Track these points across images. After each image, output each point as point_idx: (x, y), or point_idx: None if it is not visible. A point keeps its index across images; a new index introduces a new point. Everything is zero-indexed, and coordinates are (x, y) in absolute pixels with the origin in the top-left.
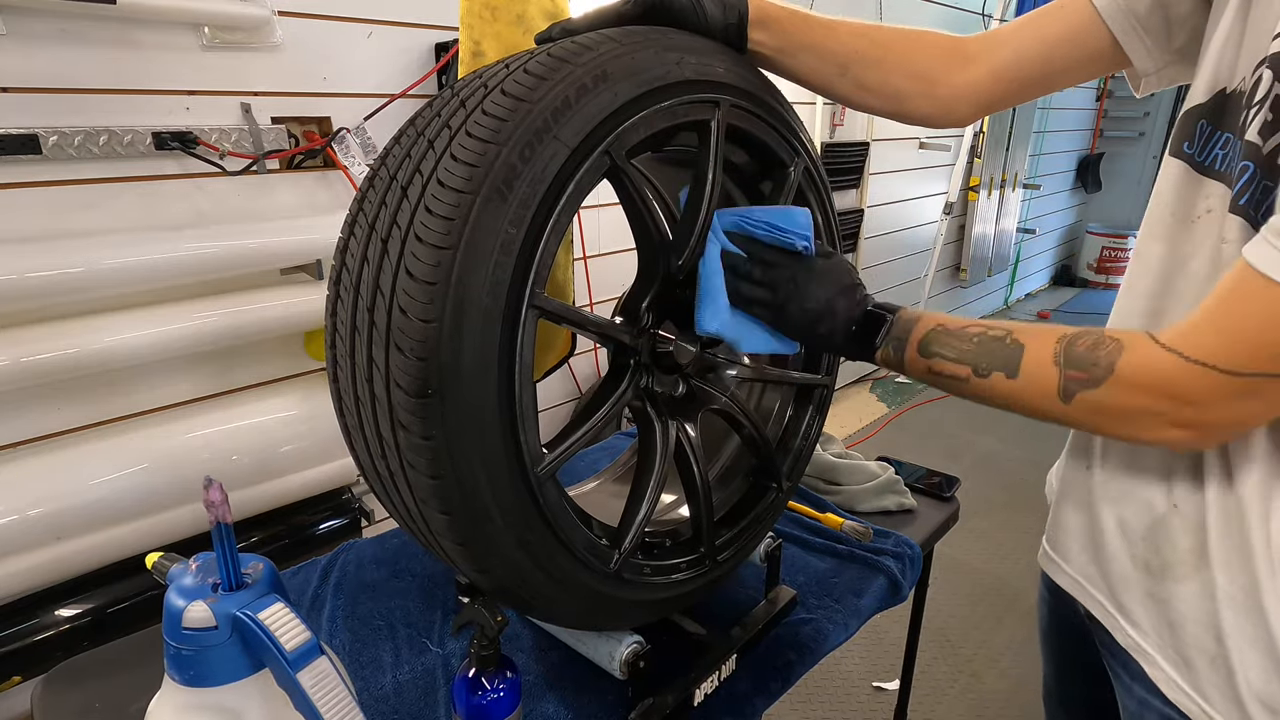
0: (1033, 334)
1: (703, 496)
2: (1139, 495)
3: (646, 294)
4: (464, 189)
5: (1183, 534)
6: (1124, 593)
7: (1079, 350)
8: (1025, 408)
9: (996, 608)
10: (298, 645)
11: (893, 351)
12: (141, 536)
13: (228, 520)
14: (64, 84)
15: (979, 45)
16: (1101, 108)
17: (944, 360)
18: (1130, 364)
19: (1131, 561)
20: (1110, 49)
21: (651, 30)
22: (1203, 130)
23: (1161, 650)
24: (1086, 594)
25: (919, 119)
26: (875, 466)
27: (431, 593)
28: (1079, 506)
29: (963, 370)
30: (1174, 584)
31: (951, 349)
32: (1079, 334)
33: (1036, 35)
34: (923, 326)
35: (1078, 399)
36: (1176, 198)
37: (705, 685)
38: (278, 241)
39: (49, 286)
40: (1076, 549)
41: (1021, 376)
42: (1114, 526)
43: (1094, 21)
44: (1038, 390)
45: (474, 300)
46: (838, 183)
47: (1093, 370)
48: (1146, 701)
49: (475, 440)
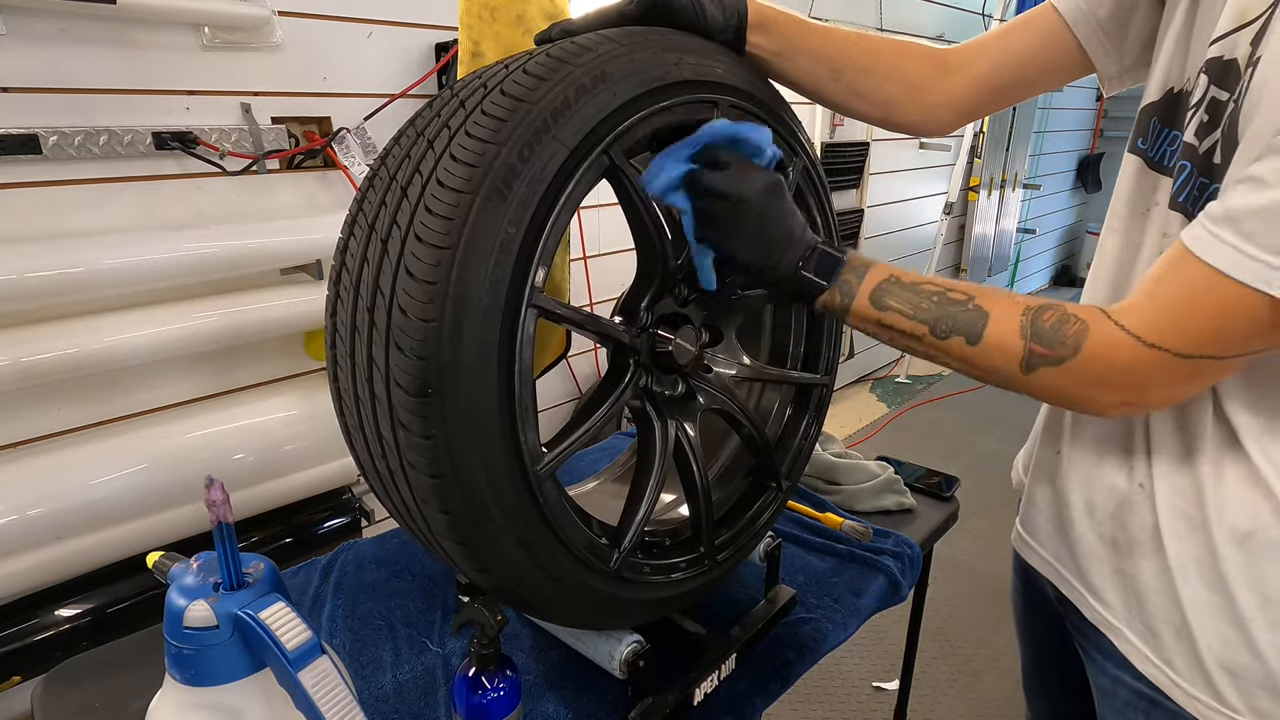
0: (995, 300)
1: (702, 496)
2: (1106, 477)
3: (645, 294)
4: (463, 189)
5: (1147, 512)
6: (1092, 570)
7: (1044, 325)
8: (979, 372)
9: (996, 608)
10: (299, 644)
11: (840, 297)
12: (141, 536)
13: (229, 520)
14: (64, 84)
15: (960, 56)
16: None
17: (898, 315)
18: (1094, 345)
19: (1099, 539)
20: (1078, 55)
21: (650, 31)
22: (1154, 127)
23: (1129, 624)
24: (1057, 574)
25: (905, 125)
26: (875, 466)
27: (431, 592)
28: (1049, 489)
29: (919, 329)
30: (1139, 559)
31: (908, 304)
32: (1042, 307)
33: (1011, 45)
34: (875, 275)
35: (1040, 372)
36: (1132, 191)
37: (705, 685)
38: (278, 241)
39: (49, 286)
40: (1047, 530)
41: (984, 344)
42: (1082, 507)
43: (1062, 30)
44: (999, 359)
45: (474, 299)
46: (838, 183)
47: (1058, 349)
48: (1118, 678)
49: (475, 439)
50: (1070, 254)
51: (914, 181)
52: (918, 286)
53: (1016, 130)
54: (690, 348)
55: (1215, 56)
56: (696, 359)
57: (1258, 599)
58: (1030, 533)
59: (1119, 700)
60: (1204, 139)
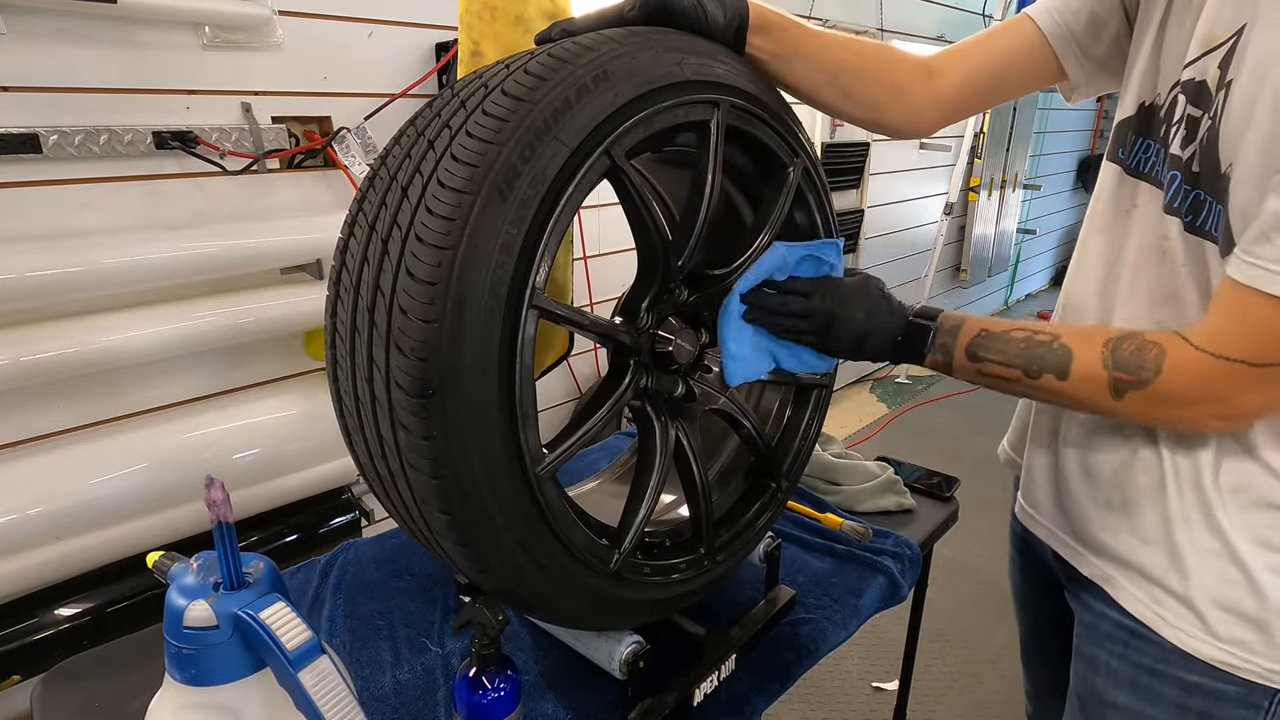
0: (1078, 339)
1: (702, 496)
2: (1103, 447)
3: (646, 294)
4: (464, 189)
5: (1142, 473)
6: (1087, 529)
7: (1125, 354)
8: (1075, 403)
9: (996, 608)
10: (299, 644)
11: (940, 357)
12: (141, 536)
13: (229, 520)
14: (64, 83)
15: (941, 62)
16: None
17: (993, 364)
18: (1173, 365)
19: (1094, 503)
20: (1053, 64)
21: (652, 31)
22: (1131, 140)
23: (1124, 573)
24: (1057, 539)
25: (891, 127)
26: (875, 466)
27: (431, 592)
28: (1047, 463)
29: (1013, 373)
30: (1135, 515)
31: (999, 353)
32: (1122, 337)
33: (989, 52)
34: (967, 332)
35: (1129, 396)
36: (1113, 195)
37: (705, 685)
38: (278, 241)
39: (49, 286)
40: (1047, 500)
41: (1073, 379)
42: (1079, 474)
43: (1038, 40)
44: (1090, 390)
45: (474, 300)
46: (838, 183)
47: (1140, 373)
48: (1103, 614)
49: (475, 440)
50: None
51: (914, 182)
52: (1006, 335)
53: (1017, 131)
54: (690, 348)
55: (1189, 79)
56: (696, 359)
57: (1258, 546)
58: (1032, 504)
59: (1100, 633)
60: (1185, 150)
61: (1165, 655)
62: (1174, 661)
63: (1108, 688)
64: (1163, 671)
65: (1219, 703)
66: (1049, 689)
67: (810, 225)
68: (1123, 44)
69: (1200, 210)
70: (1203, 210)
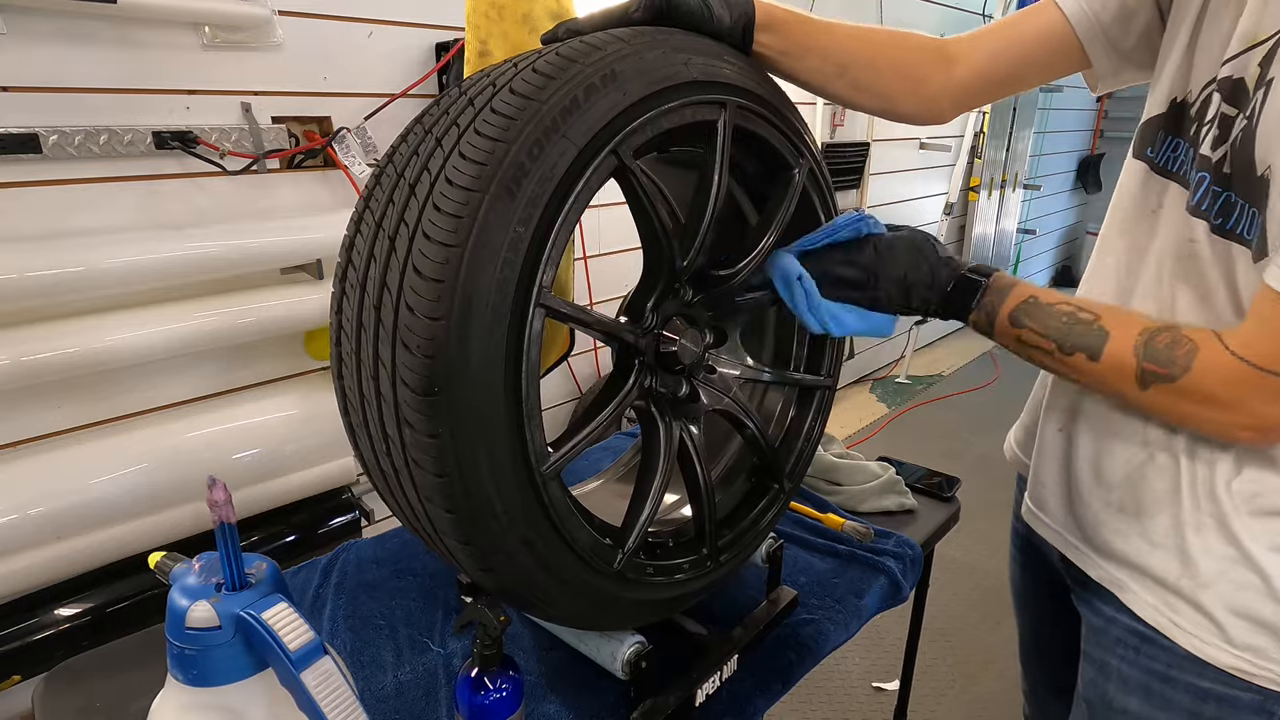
0: (1118, 322)
1: (706, 497)
2: (1117, 450)
3: (651, 294)
4: (472, 187)
5: (1157, 478)
6: (1098, 534)
7: (1159, 346)
8: (1102, 387)
9: (997, 608)
10: (301, 645)
11: (985, 317)
12: (142, 536)
13: (231, 520)
14: (64, 83)
15: (960, 47)
16: (1102, 108)
17: (1032, 333)
18: (1204, 364)
19: (1106, 506)
20: (1077, 53)
21: (658, 31)
22: (1161, 138)
23: (1135, 578)
24: (1065, 542)
25: (907, 116)
26: (876, 467)
27: (433, 592)
28: (1058, 463)
29: (1048, 344)
30: (1148, 520)
31: (1040, 323)
32: (1160, 328)
33: (1012, 38)
34: (1016, 296)
35: (1154, 389)
36: (1138, 194)
37: (707, 685)
38: (278, 241)
39: (49, 286)
40: (1056, 503)
41: (1103, 361)
42: (1090, 477)
43: (1064, 28)
44: (1117, 375)
45: (482, 298)
46: (838, 183)
47: (1170, 367)
48: (1113, 619)
49: (481, 438)
50: (1070, 254)
51: (914, 182)
52: (1052, 307)
53: (1017, 131)
54: (695, 348)
55: (1226, 76)
56: (701, 360)
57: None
58: (1039, 506)
59: (1110, 638)
60: (1216, 152)
61: (1178, 661)
62: (1187, 668)
63: (1118, 694)
64: (1176, 678)
65: (1233, 709)
66: (1047, 689)
67: (815, 226)
68: (1153, 37)
69: (1231, 213)
70: (1234, 213)
